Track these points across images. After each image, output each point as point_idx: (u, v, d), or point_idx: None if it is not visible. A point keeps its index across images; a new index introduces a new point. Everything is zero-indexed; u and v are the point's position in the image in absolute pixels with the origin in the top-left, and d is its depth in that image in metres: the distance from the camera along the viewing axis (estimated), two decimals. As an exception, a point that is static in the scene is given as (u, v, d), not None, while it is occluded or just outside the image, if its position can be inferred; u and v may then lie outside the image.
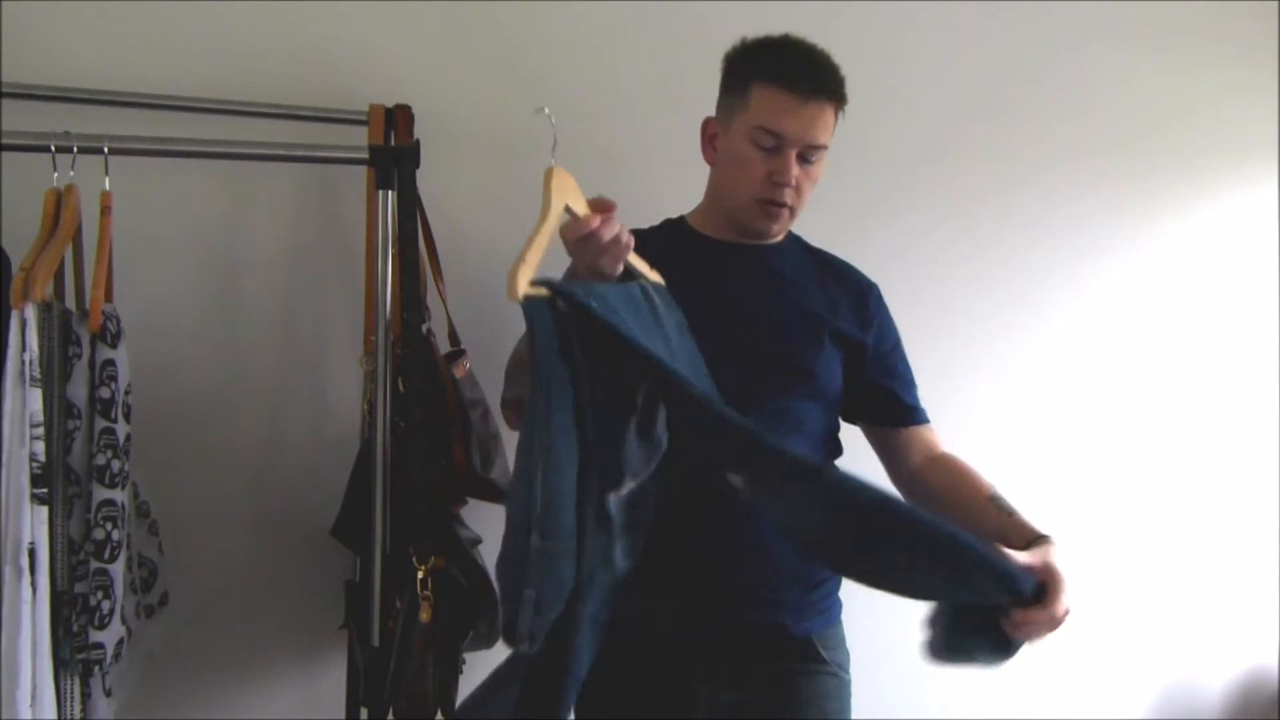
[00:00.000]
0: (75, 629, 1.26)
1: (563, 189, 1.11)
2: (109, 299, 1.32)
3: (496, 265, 1.08)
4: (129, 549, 1.32)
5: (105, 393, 1.27)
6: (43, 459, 1.19)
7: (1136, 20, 2.25)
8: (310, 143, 1.57)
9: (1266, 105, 2.40)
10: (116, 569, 1.27)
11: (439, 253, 1.66)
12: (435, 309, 1.65)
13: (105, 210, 1.33)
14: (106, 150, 1.33)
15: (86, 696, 1.28)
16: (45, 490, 1.19)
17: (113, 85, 1.55)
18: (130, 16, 1.62)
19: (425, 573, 1.42)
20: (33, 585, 1.17)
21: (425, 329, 1.56)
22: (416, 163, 1.47)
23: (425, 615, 1.40)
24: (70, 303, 1.41)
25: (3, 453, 1.17)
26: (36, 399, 1.18)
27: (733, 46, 1.38)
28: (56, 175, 1.31)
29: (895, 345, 1.48)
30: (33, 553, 1.17)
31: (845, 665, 1.42)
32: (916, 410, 1.47)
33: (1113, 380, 2.35)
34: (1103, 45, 2.24)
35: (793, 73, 1.31)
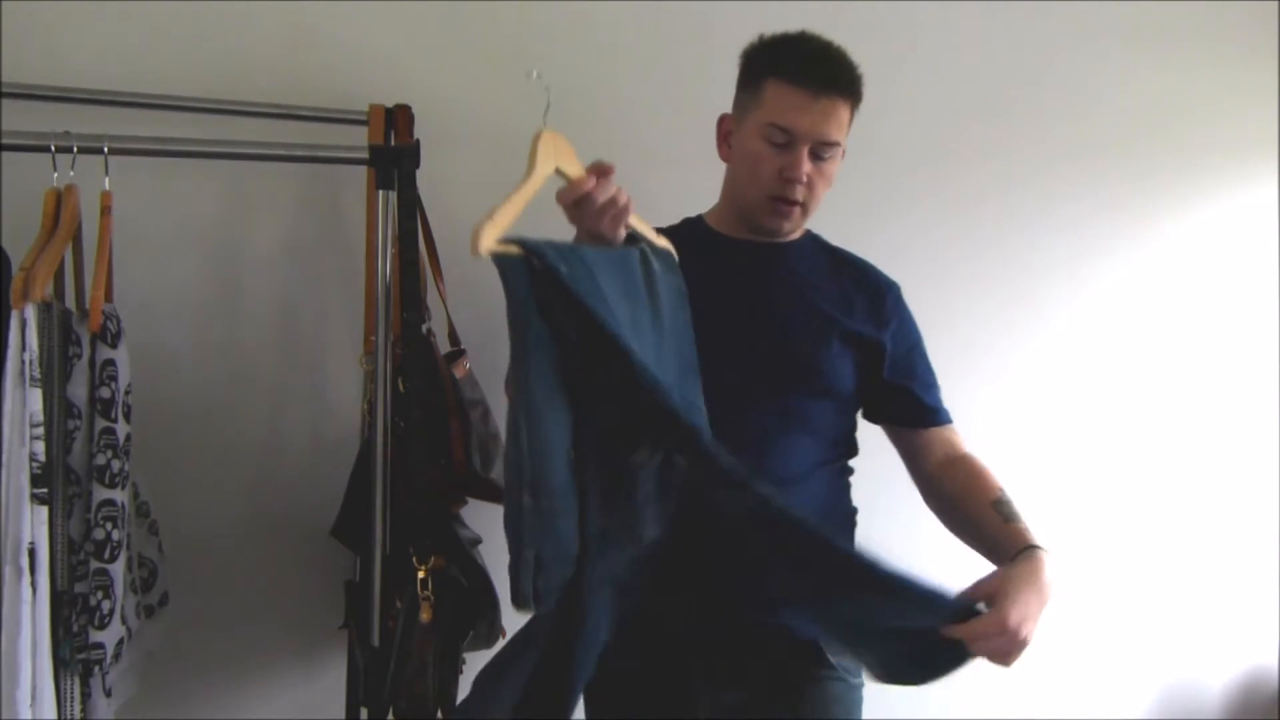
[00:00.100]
0: (75, 629, 1.26)
1: (553, 152, 1.10)
2: (109, 299, 1.32)
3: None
4: (129, 549, 1.32)
5: (105, 392, 1.26)
6: (43, 459, 1.19)
7: (1136, 20, 2.25)
8: (310, 143, 1.56)
9: (1266, 105, 2.40)
10: (116, 569, 1.27)
11: (439, 253, 1.66)
12: (435, 309, 1.66)
13: (105, 210, 1.33)
14: (106, 150, 1.33)
15: (86, 696, 1.28)
16: (45, 490, 1.19)
17: (113, 85, 1.55)
18: (130, 16, 1.62)
19: (425, 573, 1.42)
20: (33, 585, 1.17)
21: (425, 329, 1.56)
22: (416, 163, 1.47)
23: (425, 615, 1.40)
24: (70, 303, 1.41)
25: (3, 453, 1.17)
26: (36, 399, 1.18)
27: (749, 43, 1.37)
28: (56, 175, 1.31)
29: (914, 346, 1.45)
30: (33, 553, 1.17)
31: (855, 670, 1.38)
32: (937, 411, 1.44)
33: (1113, 380, 2.35)
34: (1103, 45, 2.24)
35: (805, 69, 1.29)
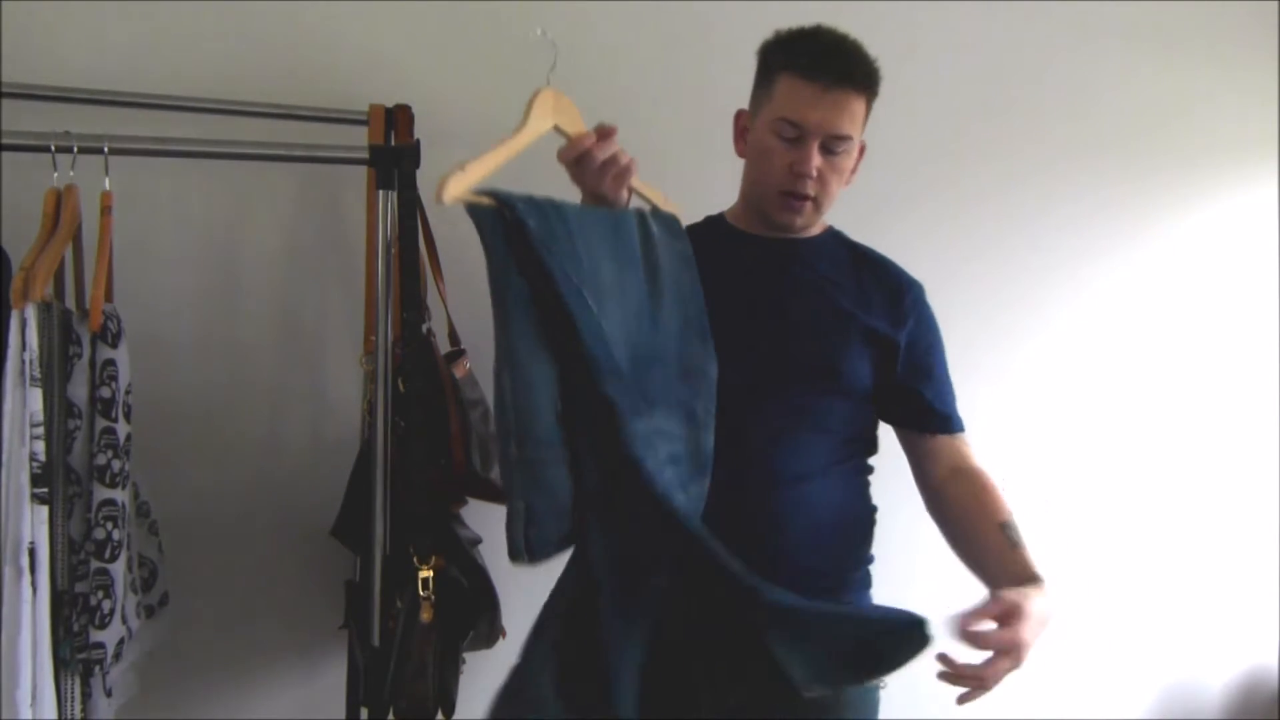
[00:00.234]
0: (76, 629, 1.26)
1: (551, 110, 1.10)
2: (109, 299, 1.32)
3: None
4: (129, 549, 1.32)
5: (106, 392, 1.26)
6: (43, 459, 1.19)
7: (1136, 20, 2.25)
8: (310, 143, 1.56)
9: (1266, 105, 2.40)
10: (117, 569, 1.27)
11: (439, 253, 1.66)
12: (435, 309, 1.66)
13: (105, 210, 1.33)
14: (106, 150, 1.33)
15: (87, 696, 1.28)
16: (45, 490, 1.19)
17: (113, 85, 1.55)
18: (130, 16, 1.62)
19: (426, 573, 1.42)
20: (33, 585, 1.17)
21: (425, 329, 1.56)
22: (416, 163, 1.47)
23: (426, 615, 1.40)
24: (70, 303, 1.41)
25: (3, 452, 1.17)
26: (36, 398, 1.18)
27: (765, 39, 1.36)
28: (56, 175, 1.31)
29: (930, 348, 1.41)
30: (33, 552, 1.17)
31: None
32: (948, 418, 1.40)
33: (1113, 381, 2.35)
34: (1103, 45, 2.24)
35: (815, 62, 1.28)
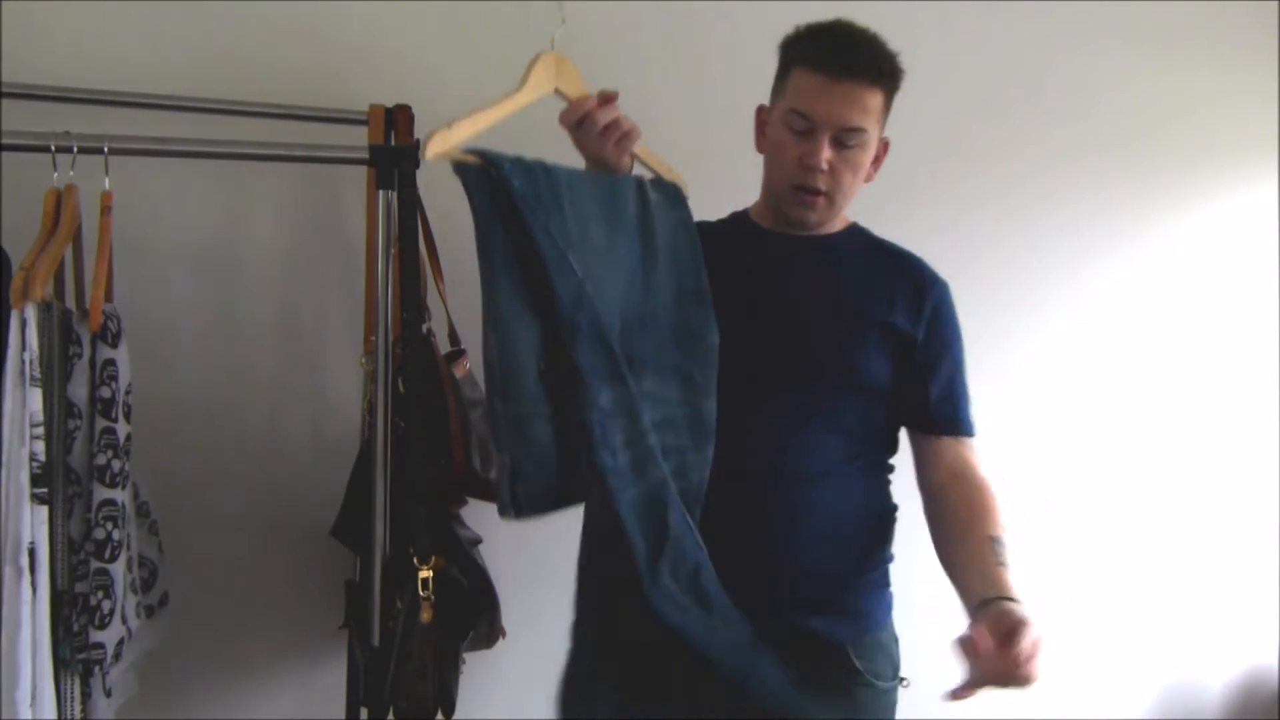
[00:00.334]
0: (75, 629, 1.26)
1: (552, 75, 1.12)
2: (109, 299, 1.31)
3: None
4: (129, 549, 1.32)
5: (106, 392, 1.26)
6: (43, 459, 1.19)
7: (1136, 20, 2.25)
8: (310, 143, 1.56)
9: (1266, 105, 2.40)
10: (117, 569, 1.27)
11: (439, 253, 1.66)
12: (435, 309, 1.66)
13: (105, 210, 1.33)
14: (106, 150, 1.32)
15: (86, 696, 1.28)
16: (45, 490, 1.19)
17: (113, 85, 1.55)
18: (130, 16, 1.62)
19: (426, 573, 1.42)
20: (33, 585, 1.17)
21: (425, 329, 1.56)
22: (416, 163, 1.47)
23: (426, 615, 1.40)
24: (70, 303, 1.41)
25: (3, 452, 1.17)
26: (36, 398, 1.18)
27: (786, 34, 1.35)
28: (56, 175, 1.31)
29: (946, 348, 1.38)
30: (33, 552, 1.17)
31: (884, 674, 1.35)
32: (951, 420, 1.37)
33: (1113, 381, 2.35)
34: (1103, 45, 2.24)
35: (825, 54, 1.27)
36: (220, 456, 1.72)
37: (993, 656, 1.04)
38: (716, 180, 1.44)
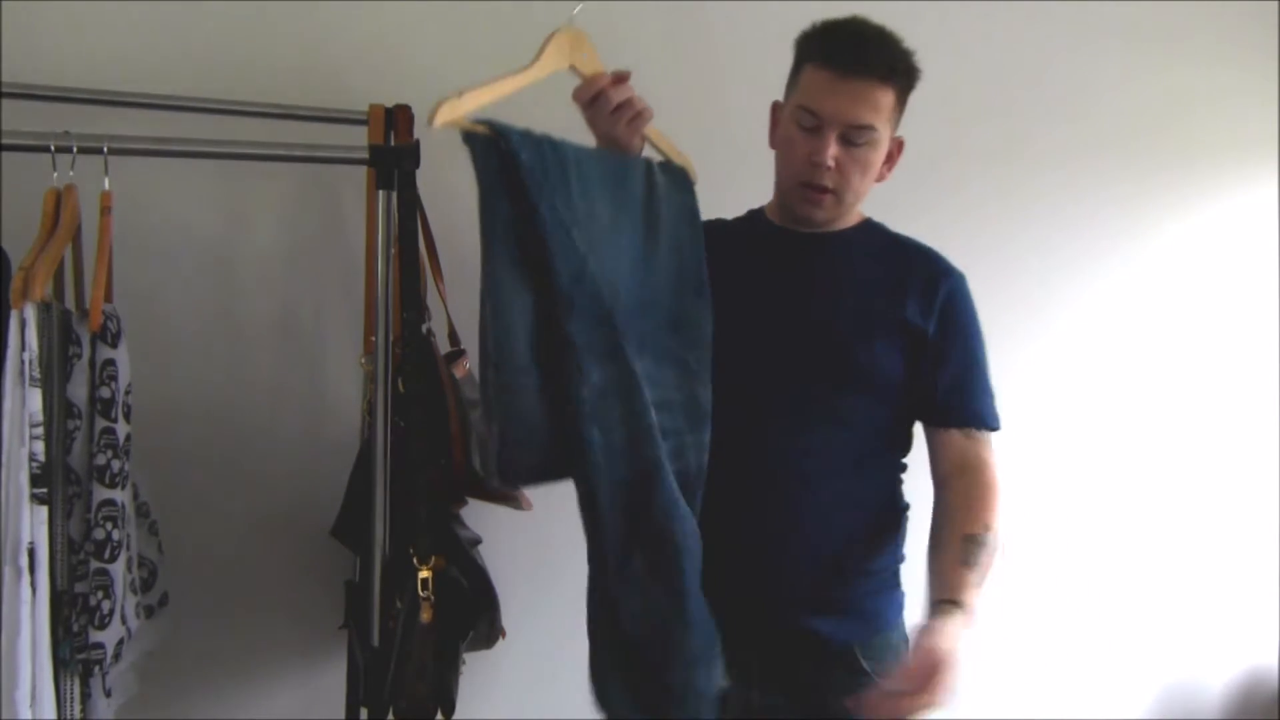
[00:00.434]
0: (75, 629, 1.26)
1: (567, 51, 1.13)
2: (109, 299, 1.31)
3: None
4: (129, 549, 1.32)
5: (105, 392, 1.26)
6: (42, 459, 1.19)
7: (1137, 20, 2.25)
8: (310, 143, 1.56)
9: (1267, 105, 2.40)
10: (116, 569, 1.27)
11: (439, 253, 1.66)
12: (435, 309, 1.66)
13: (105, 210, 1.33)
14: (106, 150, 1.32)
15: (86, 696, 1.28)
16: (45, 490, 1.19)
17: (113, 85, 1.55)
18: (130, 16, 1.62)
19: (426, 573, 1.42)
20: (32, 585, 1.17)
21: (425, 329, 1.56)
22: (416, 163, 1.47)
23: (425, 616, 1.40)
24: (70, 303, 1.41)
25: (2, 452, 1.17)
26: (36, 399, 1.18)
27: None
28: (56, 175, 1.31)
29: (959, 339, 1.36)
30: (32, 553, 1.17)
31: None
32: (959, 412, 1.35)
33: (1114, 381, 2.35)
34: (1103, 45, 2.24)
35: (835, 51, 1.26)
36: (220, 457, 1.72)
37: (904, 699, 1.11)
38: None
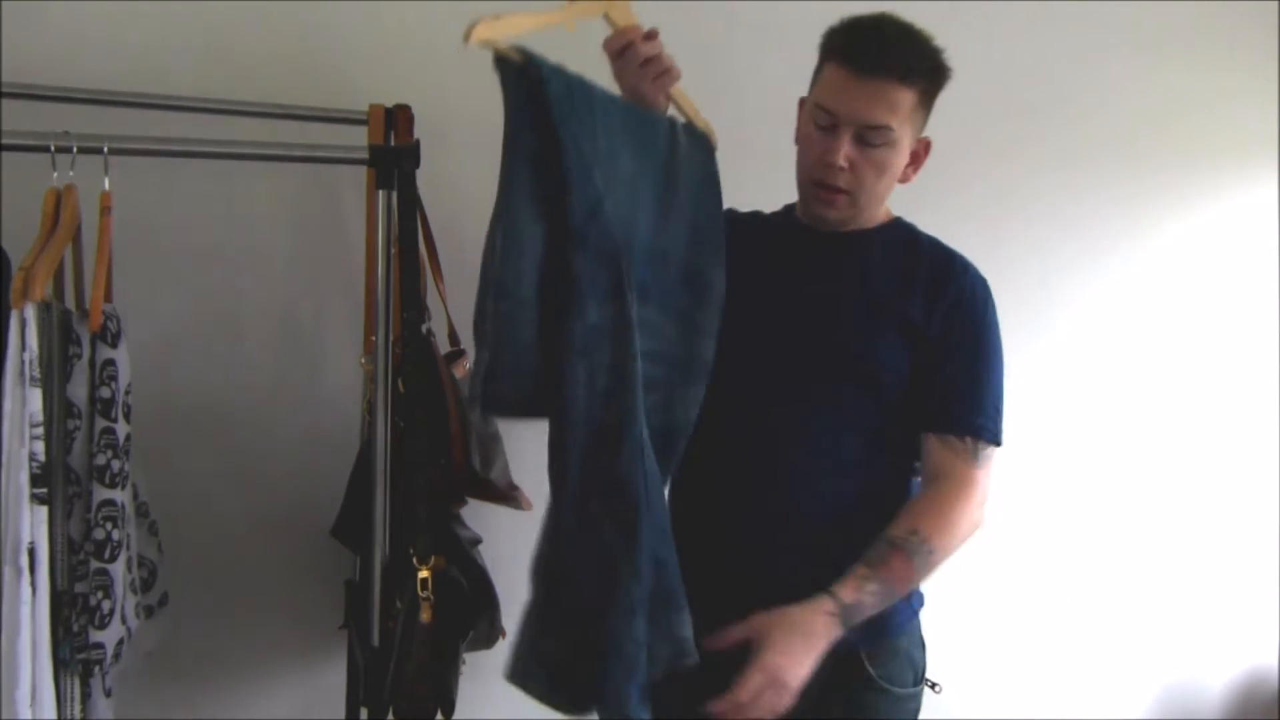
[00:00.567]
0: (75, 629, 1.26)
1: (604, 3, 1.12)
2: (109, 299, 1.31)
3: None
4: (129, 549, 1.32)
5: (105, 392, 1.26)
6: (42, 459, 1.19)
7: (1138, 22, 2.25)
8: (310, 143, 1.56)
9: (1267, 106, 2.40)
10: (116, 569, 1.27)
11: (439, 253, 1.66)
12: (435, 309, 1.66)
13: (105, 210, 1.33)
14: (106, 150, 1.32)
15: (86, 696, 1.28)
16: (45, 490, 1.19)
17: (113, 85, 1.55)
18: (130, 16, 1.62)
19: (426, 573, 1.42)
20: (32, 585, 1.17)
21: (425, 329, 1.56)
22: (416, 163, 1.47)
23: (425, 616, 1.40)
24: (70, 303, 1.41)
25: (3, 452, 1.17)
26: (36, 399, 1.18)
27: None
28: (56, 175, 1.31)
29: (962, 341, 1.31)
30: (32, 553, 1.17)
31: (901, 680, 1.31)
32: (939, 417, 1.29)
33: (1114, 381, 2.35)
34: (1104, 48, 2.24)
35: (852, 50, 1.24)
36: (220, 456, 1.72)
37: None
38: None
